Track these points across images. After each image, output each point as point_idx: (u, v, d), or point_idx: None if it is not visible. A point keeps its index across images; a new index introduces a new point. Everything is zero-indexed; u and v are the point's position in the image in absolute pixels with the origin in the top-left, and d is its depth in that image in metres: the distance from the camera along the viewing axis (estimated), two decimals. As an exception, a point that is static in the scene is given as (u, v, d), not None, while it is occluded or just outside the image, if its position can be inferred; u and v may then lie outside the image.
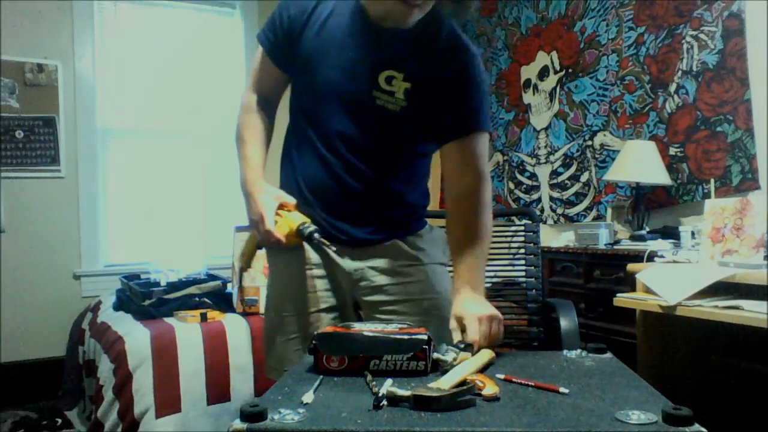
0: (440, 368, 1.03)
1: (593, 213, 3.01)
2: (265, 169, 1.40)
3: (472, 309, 1.19)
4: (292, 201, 1.31)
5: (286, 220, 1.27)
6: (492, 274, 1.97)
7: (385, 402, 0.86)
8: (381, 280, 1.38)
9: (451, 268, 1.37)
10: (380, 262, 1.37)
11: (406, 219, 1.42)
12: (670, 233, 2.37)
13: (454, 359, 1.04)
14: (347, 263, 1.37)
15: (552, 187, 3.28)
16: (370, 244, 1.37)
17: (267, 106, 1.44)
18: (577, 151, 3.10)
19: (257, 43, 1.39)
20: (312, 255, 1.37)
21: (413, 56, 1.27)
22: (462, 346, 1.10)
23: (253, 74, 1.43)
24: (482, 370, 1.03)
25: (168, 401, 2.21)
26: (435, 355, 1.05)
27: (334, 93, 1.29)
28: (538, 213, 3.23)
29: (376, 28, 1.26)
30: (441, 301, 1.39)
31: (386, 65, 1.27)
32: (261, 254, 3.00)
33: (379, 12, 1.24)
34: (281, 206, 1.29)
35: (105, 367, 2.31)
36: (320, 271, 1.37)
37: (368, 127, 1.30)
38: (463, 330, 1.18)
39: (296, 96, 1.39)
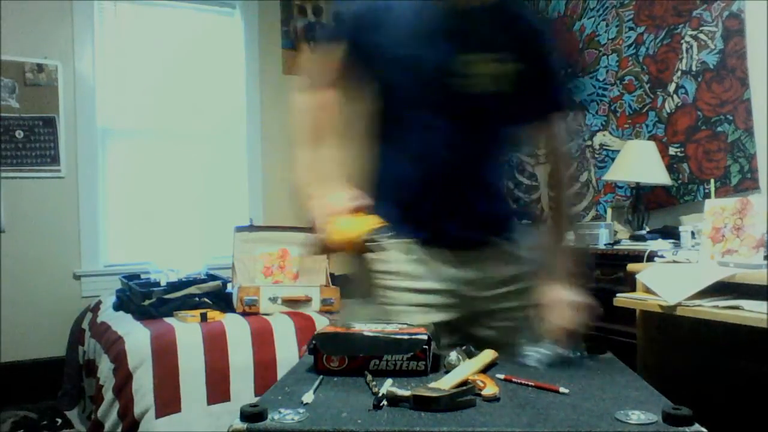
0: (445, 369, 1.03)
1: (592, 213, 3.01)
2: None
3: (550, 295, 1.22)
4: (360, 204, 1.16)
5: (351, 224, 1.12)
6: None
7: (385, 402, 0.86)
8: (490, 284, 1.29)
9: None
10: (488, 266, 1.28)
11: (506, 216, 1.38)
12: (670, 233, 2.37)
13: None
14: (451, 271, 1.27)
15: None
16: (476, 246, 1.29)
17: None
18: (577, 150, 3.10)
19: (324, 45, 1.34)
20: (411, 268, 1.25)
21: (493, 35, 1.22)
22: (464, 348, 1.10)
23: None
24: (483, 370, 1.03)
25: (168, 401, 2.21)
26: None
27: (419, 87, 1.24)
28: (537, 213, 3.23)
29: (450, 11, 1.21)
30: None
31: (470, 47, 1.21)
32: (259, 255, 2.97)
33: None
34: (348, 211, 1.15)
35: (105, 367, 2.31)
36: (421, 284, 1.25)
37: (458, 115, 1.23)
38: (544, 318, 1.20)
39: (375, 98, 1.31)
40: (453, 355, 1.06)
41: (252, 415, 0.79)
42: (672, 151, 2.57)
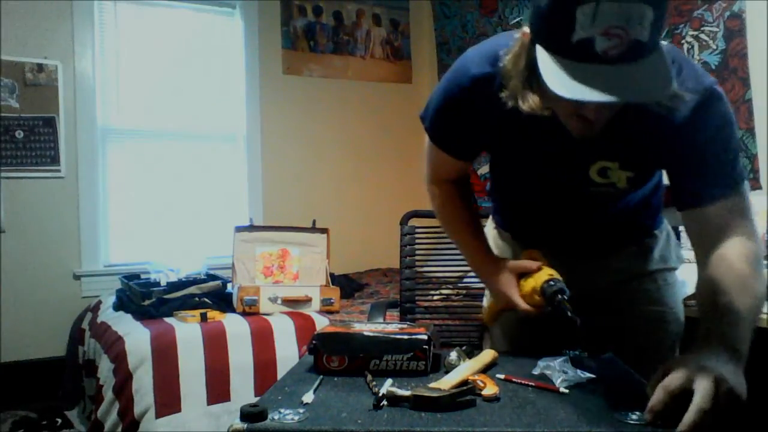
0: (445, 369, 1.03)
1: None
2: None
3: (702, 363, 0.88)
4: (533, 264, 1.13)
5: (531, 281, 1.12)
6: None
7: (385, 402, 0.86)
8: (600, 286, 1.25)
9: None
10: (603, 269, 1.24)
11: (639, 230, 1.31)
12: (671, 233, 2.37)
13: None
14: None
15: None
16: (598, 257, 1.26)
17: (460, 185, 1.29)
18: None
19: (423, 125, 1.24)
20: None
21: (621, 141, 1.05)
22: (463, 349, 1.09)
23: (430, 163, 1.27)
24: (484, 370, 1.03)
25: (168, 401, 2.21)
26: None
27: (547, 198, 1.20)
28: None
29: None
30: (668, 314, 1.26)
31: (594, 158, 1.08)
32: (259, 255, 2.96)
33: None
34: (524, 273, 1.13)
35: (105, 367, 2.32)
36: None
37: (593, 211, 1.20)
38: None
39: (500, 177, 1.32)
40: (453, 355, 1.06)
41: (252, 415, 0.79)
42: (672, 151, 2.57)
